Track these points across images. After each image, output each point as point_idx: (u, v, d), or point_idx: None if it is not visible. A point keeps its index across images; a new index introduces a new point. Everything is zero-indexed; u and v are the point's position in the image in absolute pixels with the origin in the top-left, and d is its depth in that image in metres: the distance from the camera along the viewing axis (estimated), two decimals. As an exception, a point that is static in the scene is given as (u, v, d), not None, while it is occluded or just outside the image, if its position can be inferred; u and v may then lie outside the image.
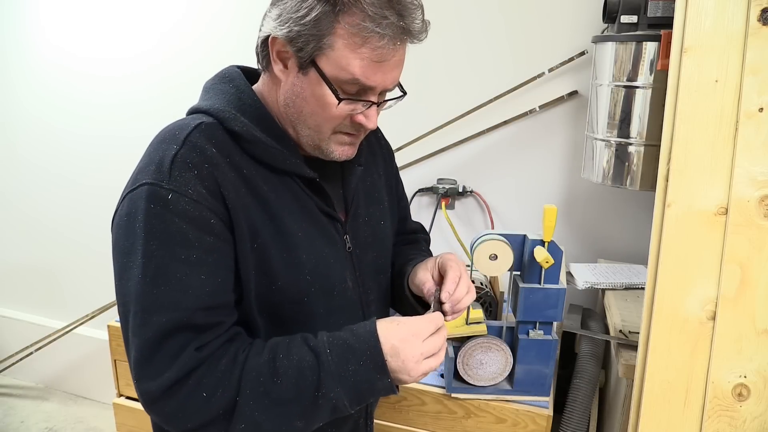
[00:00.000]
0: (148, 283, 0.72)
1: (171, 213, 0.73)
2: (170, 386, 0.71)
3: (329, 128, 0.82)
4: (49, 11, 2.26)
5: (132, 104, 2.23)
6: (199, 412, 0.73)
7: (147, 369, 0.72)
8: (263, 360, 0.75)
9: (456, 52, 1.80)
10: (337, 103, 0.78)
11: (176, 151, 0.75)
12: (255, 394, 0.73)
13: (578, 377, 1.39)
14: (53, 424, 2.42)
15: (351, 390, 0.75)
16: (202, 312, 0.74)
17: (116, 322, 1.64)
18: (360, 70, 0.76)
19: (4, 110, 2.46)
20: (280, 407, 0.74)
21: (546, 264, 1.12)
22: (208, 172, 0.76)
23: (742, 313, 0.86)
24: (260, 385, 0.73)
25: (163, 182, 0.73)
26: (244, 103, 0.83)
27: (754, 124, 0.83)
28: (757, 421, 0.88)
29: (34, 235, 2.56)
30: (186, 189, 0.74)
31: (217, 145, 0.78)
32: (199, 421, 0.73)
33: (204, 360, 0.73)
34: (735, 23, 0.82)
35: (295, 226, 0.84)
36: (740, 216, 0.84)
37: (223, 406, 0.73)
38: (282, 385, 0.74)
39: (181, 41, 2.11)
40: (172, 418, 0.74)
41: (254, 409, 0.73)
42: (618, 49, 1.36)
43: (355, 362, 0.75)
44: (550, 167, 1.79)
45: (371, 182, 1.01)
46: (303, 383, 0.74)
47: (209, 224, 0.75)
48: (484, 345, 1.23)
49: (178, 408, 0.72)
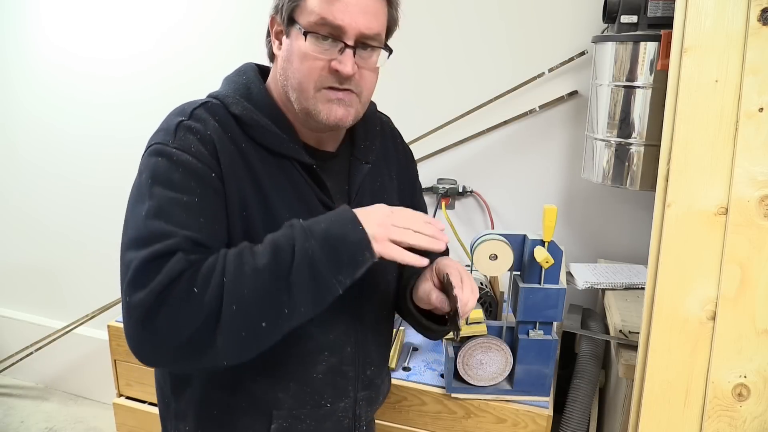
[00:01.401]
0: (149, 217, 0.77)
1: (175, 164, 0.80)
2: (161, 291, 0.72)
3: (311, 82, 0.84)
4: (49, 11, 2.26)
5: (132, 104, 2.23)
6: (193, 312, 0.72)
7: (138, 282, 0.73)
8: (242, 246, 0.78)
9: (456, 52, 1.80)
10: (305, 39, 0.82)
11: (182, 120, 0.84)
12: (239, 271, 0.74)
13: (578, 377, 1.39)
14: (53, 424, 2.42)
15: (324, 244, 0.75)
16: (195, 243, 0.77)
17: (116, 322, 1.64)
18: (325, 8, 0.81)
19: (4, 110, 2.46)
20: (262, 275, 0.74)
21: (546, 264, 1.12)
22: (208, 139, 0.82)
23: (742, 313, 0.86)
24: (242, 263, 0.75)
25: (169, 142, 0.82)
26: (251, 92, 0.89)
27: (754, 124, 0.83)
28: (757, 421, 0.88)
29: (34, 235, 2.56)
30: (189, 147, 0.81)
31: (219, 121, 0.85)
32: (194, 324, 0.72)
33: (193, 263, 0.75)
34: (735, 23, 0.82)
35: (285, 207, 0.86)
36: (740, 216, 0.85)
37: (214, 295, 0.73)
38: (261, 256, 0.75)
39: (181, 41, 2.11)
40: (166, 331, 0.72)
41: (240, 284, 0.73)
42: (618, 49, 1.36)
43: (325, 222, 0.78)
44: (550, 167, 1.79)
45: (381, 184, 1.02)
46: (279, 248, 0.76)
47: (209, 177, 0.81)
48: (484, 345, 1.23)
49: (171, 314, 0.72)
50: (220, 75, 0.96)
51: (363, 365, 0.98)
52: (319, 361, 0.92)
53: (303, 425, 0.93)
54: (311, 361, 0.92)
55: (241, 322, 0.74)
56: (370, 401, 1.03)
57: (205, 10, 2.05)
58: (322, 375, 0.93)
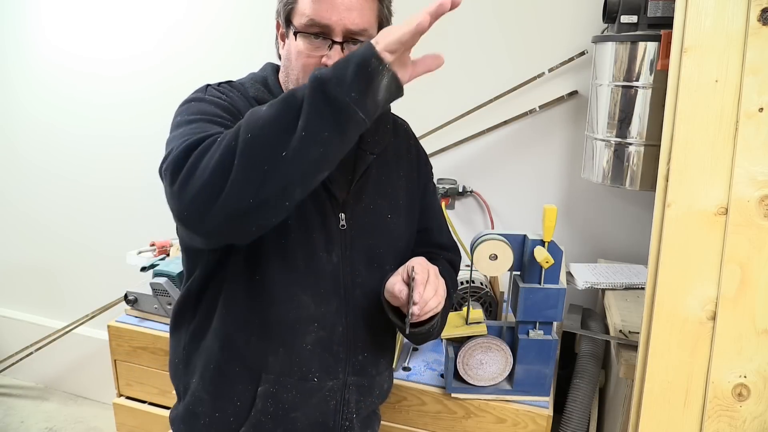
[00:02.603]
0: (184, 125, 0.85)
1: (206, 100, 0.92)
2: (191, 145, 0.78)
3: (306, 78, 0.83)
4: (49, 11, 2.26)
5: (132, 104, 2.23)
6: (213, 153, 0.75)
7: (175, 151, 0.79)
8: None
9: (456, 52, 1.80)
10: (295, 39, 0.91)
11: (210, 84, 0.97)
12: (254, 114, 0.77)
13: (578, 377, 1.39)
14: (53, 424, 2.42)
15: (334, 66, 0.74)
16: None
17: (116, 322, 1.64)
18: (311, 8, 0.89)
19: (4, 110, 2.46)
20: (275, 106, 0.76)
21: (546, 264, 1.12)
22: (230, 98, 0.94)
23: (742, 313, 0.86)
24: (257, 109, 0.77)
25: (202, 92, 0.94)
26: (268, 83, 0.99)
27: (754, 124, 0.83)
28: (757, 421, 0.88)
29: (34, 235, 2.56)
30: (219, 96, 0.93)
31: (237, 95, 0.96)
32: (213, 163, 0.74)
33: (218, 132, 0.81)
34: (735, 23, 0.82)
35: None
36: (740, 216, 0.85)
37: (232, 136, 0.75)
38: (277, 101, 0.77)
39: (181, 41, 2.11)
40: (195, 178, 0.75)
41: (256, 118, 0.75)
42: (618, 49, 1.36)
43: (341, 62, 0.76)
44: (550, 167, 1.79)
45: (386, 177, 1.05)
46: (294, 90, 0.77)
47: (233, 111, 0.90)
48: (484, 345, 1.23)
49: (197, 162, 0.75)
50: (220, 75, 0.98)
51: (354, 349, 1.01)
52: (309, 331, 0.96)
53: (289, 395, 0.97)
54: (301, 330, 0.96)
55: (259, 149, 0.73)
56: (361, 390, 1.03)
57: (205, 10, 2.05)
58: (311, 346, 0.97)
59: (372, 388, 1.06)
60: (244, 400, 0.97)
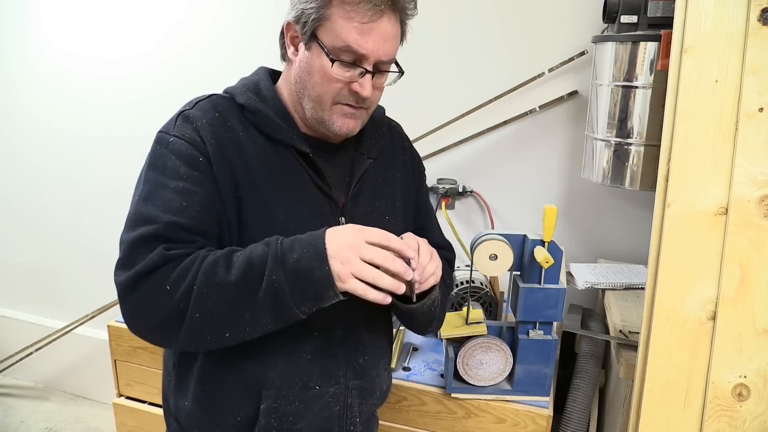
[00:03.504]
0: (141, 202, 0.87)
1: (170, 152, 0.89)
2: (138, 278, 0.81)
3: (329, 97, 0.91)
4: (49, 11, 2.26)
5: (132, 104, 2.23)
6: (162, 304, 0.80)
7: (123, 264, 0.83)
8: (221, 254, 0.83)
9: (456, 52, 1.80)
10: (331, 65, 0.88)
11: (186, 109, 0.93)
12: (210, 282, 0.80)
13: (578, 377, 1.39)
14: (53, 424, 2.42)
15: (291, 276, 0.80)
16: (177, 228, 0.84)
17: (116, 322, 1.64)
18: (351, 37, 0.86)
19: (4, 110, 2.46)
20: (229, 292, 0.80)
21: (546, 264, 1.12)
22: (203, 126, 0.90)
23: (742, 313, 0.86)
24: (215, 275, 0.80)
25: (170, 130, 0.91)
26: (260, 89, 0.97)
27: (754, 124, 0.83)
28: (757, 421, 0.88)
29: (34, 235, 2.56)
30: (184, 134, 0.89)
31: (220, 111, 0.93)
32: (161, 314, 0.81)
33: (171, 258, 0.82)
34: (735, 23, 0.82)
35: (278, 188, 0.92)
36: (740, 216, 0.84)
37: (182, 297, 0.80)
38: (233, 272, 0.81)
39: (181, 41, 2.11)
40: (139, 312, 0.82)
41: (208, 296, 0.80)
42: (618, 49, 1.36)
43: (300, 250, 0.81)
44: (550, 167, 1.79)
45: (383, 180, 1.05)
46: (251, 268, 0.81)
47: (198, 162, 0.88)
48: (484, 345, 1.23)
49: (144, 300, 0.81)
50: (219, 75, 0.97)
51: (354, 352, 1.00)
52: (308, 340, 0.95)
53: (291, 407, 0.95)
54: (299, 339, 0.94)
55: (204, 327, 0.81)
56: (363, 393, 1.02)
57: (205, 10, 2.05)
58: (310, 355, 0.95)
59: (373, 390, 1.05)
60: (245, 415, 0.95)
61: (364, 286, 0.80)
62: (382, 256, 0.82)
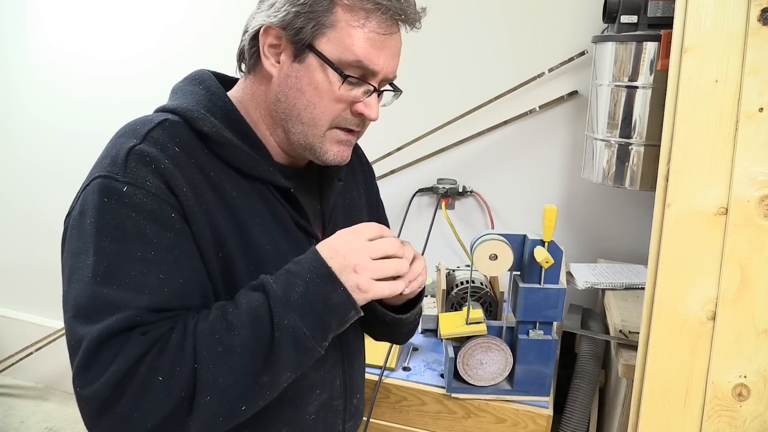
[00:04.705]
0: (98, 283, 0.65)
1: (126, 207, 0.67)
2: (118, 381, 0.62)
3: (327, 120, 0.77)
4: (49, 11, 2.26)
5: (132, 104, 2.23)
6: (159, 402, 0.63)
7: (90, 372, 0.62)
8: (213, 317, 0.68)
9: (456, 52, 1.80)
10: (341, 83, 0.74)
11: (134, 144, 0.71)
12: (213, 354, 0.65)
13: (578, 377, 1.39)
14: (53, 424, 2.42)
15: (306, 314, 0.67)
16: (156, 312, 0.66)
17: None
18: (364, 50, 0.73)
19: (4, 110, 2.46)
20: (240, 358, 0.66)
21: (546, 264, 1.12)
22: (168, 169, 0.69)
23: (742, 313, 0.86)
24: (217, 343, 0.65)
25: (118, 174, 0.68)
26: (215, 104, 0.79)
27: (754, 124, 0.83)
28: (757, 421, 0.88)
29: (35, 235, 2.56)
30: (143, 181, 0.68)
31: (180, 145, 0.73)
32: (160, 413, 0.63)
33: (153, 342, 0.64)
34: (735, 23, 0.82)
35: (265, 237, 0.78)
36: (740, 216, 0.84)
37: (183, 385, 0.64)
38: (237, 334, 0.66)
39: (181, 42, 2.11)
40: (128, 423, 0.63)
41: (216, 372, 0.65)
42: (618, 49, 1.36)
43: (302, 283, 0.68)
44: (550, 167, 1.79)
45: (350, 199, 0.96)
46: (257, 322, 0.67)
47: (170, 219, 0.68)
48: (484, 345, 1.23)
49: (133, 405, 0.62)
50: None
51: (350, 395, 0.93)
52: (312, 400, 0.85)
53: None
54: (304, 402, 0.84)
55: (217, 409, 0.66)
56: (355, 428, 0.98)
57: (205, 11, 2.05)
58: (314, 415, 0.86)
59: (360, 421, 1.00)
60: None
61: (388, 284, 0.72)
62: (392, 244, 0.73)
